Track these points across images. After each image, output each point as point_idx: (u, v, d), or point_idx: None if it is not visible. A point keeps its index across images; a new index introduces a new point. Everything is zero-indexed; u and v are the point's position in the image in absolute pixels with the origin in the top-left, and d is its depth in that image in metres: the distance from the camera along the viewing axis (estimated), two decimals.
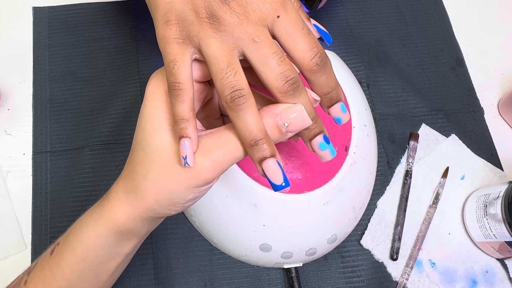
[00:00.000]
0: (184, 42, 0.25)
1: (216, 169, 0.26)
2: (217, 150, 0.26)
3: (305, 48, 0.24)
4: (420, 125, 0.53)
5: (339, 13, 0.58)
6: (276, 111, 0.25)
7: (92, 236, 0.30)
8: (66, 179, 0.48)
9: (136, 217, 0.29)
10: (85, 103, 0.52)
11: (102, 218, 0.30)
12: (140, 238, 0.32)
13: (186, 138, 0.25)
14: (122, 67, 0.54)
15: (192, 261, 0.46)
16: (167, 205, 0.28)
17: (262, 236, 0.42)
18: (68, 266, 0.31)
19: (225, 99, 0.24)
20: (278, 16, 0.24)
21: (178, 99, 0.25)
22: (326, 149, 0.27)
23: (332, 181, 0.41)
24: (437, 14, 0.59)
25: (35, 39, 0.55)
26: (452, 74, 0.56)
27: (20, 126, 0.51)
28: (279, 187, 0.26)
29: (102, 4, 0.57)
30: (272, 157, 0.25)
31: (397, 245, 0.47)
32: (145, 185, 0.27)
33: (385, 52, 0.57)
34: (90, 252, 0.30)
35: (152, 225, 0.32)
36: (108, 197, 0.30)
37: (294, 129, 0.25)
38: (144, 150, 0.27)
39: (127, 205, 0.29)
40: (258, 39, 0.24)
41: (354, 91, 0.46)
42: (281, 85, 0.24)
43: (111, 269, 0.32)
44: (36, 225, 0.47)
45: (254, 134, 0.25)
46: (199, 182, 0.27)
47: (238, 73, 0.24)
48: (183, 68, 0.25)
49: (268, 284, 0.45)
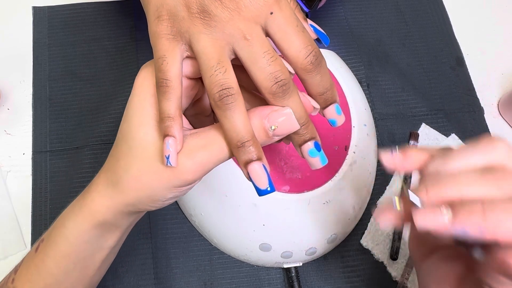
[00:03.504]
0: (174, 38, 0.25)
1: (198, 170, 0.26)
2: (201, 151, 0.25)
3: (299, 46, 0.24)
4: (420, 125, 0.53)
5: (339, 13, 0.58)
6: (264, 113, 0.24)
7: (74, 231, 0.30)
8: (66, 179, 0.48)
9: (116, 210, 0.28)
10: (85, 102, 0.52)
11: (83, 211, 0.29)
12: (123, 231, 0.31)
13: (171, 137, 0.25)
14: (122, 67, 0.54)
15: (192, 261, 0.46)
16: (146, 202, 0.27)
17: (262, 236, 0.42)
18: (53, 262, 0.31)
19: (213, 97, 0.24)
20: (272, 12, 0.24)
21: (165, 96, 0.25)
22: (317, 157, 0.26)
23: (332, 181, 0.41)
24: (437, 14, 0.59)
25: (35, 38, 0.55)
26: (452, 74, 0.56)
27: (20, 125, 0.51)
28: (264, 192, 0.25)
29: (102, 4, 0.57)
30: (258, 161, 0.24)
31: (397, 245, 0.47)
32: (126, 179, 0.27)
33: (385, 52, 0.57)
34: (73, 247, 0.30)
35: (134, 218, 0.31)
36: (89, 190, 0.30)
37: (281, 133, 0.25)
38: (129, 144, 0.27)
39: (107, 198, 0.28)
40: (250, 37, 0.23)
41: (354, 91, 0.46)
42: (270, 86, 0.24)
43: (96, 263, 0.32)
44: (35, 224, 0.47)
45: (241, 135, 0.24)
46: (180, 182, 0.26)
47: (227, 71, 0.24)
48: (172, 65, 0.25)
49: (268, 284, 0.45)
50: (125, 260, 0.45)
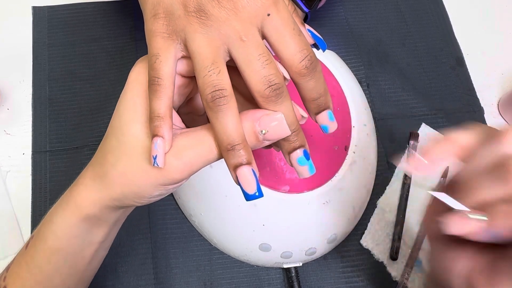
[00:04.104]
0: (170, 37, 0.24)
1: (185, 170, 0.25)
2: (189, 151, 0.25)
3: (294, 49, 0.24)
4: (420, 125, 0.53)
5: (339, 13, 0.58)
6: (255, 116, 0.24)
7: (61, 226, 0.29)
8: (66, 179, 0.48)
9: (102, 204, 0.28)
10: (85, 102, 0.52)
11: (69, 206, 0.29)
12: (111, 226, 0.31)
13: (159, 137, 0.24)
14: (122, 67, 0.54)
15: (192, 261, 0.46)
16: (132, 197, 0.27)
17: (261, 236, 0.42)
18: (42, 258, 0.30)
19: (205, 98, 0.23)
20: (269, 14, 0.23)
21: (156, 94, 0.24)
22: (305, 165, 0.25)
23: (331, 181, 0.41)
24: (437, 14, 0.59)
25: (35, 38, 0.55)
26: (452, 74, 0.56)
27: (20, 125, 0.51)
28: (252, 197, 0.24)
29: (102, 4, 0.57)
30: (248, 165, 0.24)
31: (397, 244, 0.47)
32: (112, 174, 0.27)
33: (385, 52, 0.57)
34: (62, 242, 0.30)
35: (121, 213, 0.31)
36: (76, 183, 0.30)
37: (271, 137, 0.24)
38: (118, 139, 0.27)
39: (93, 191, 0.28)
40: (246, 38, 0.23)
41: (354, 91, 0.46)
42: (263, 89, 0.23)
43: (86, 258, 0.32)
44: (35, 224, 0.46)
45: (232, 138, 0.23)
46: (167, 181, 0.26)
47: (221, 72, 0.23)
48: (165, 63, 0.24)
49: (268, 284, 0.45)
50: (124, 260, 0.45)
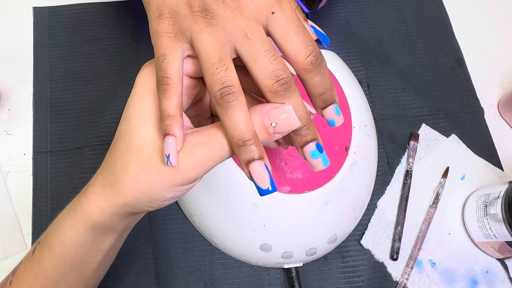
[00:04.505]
0: (176, 37, 0.25)
1: (199, 168, 0.25)
2: (201, 148, 0.25)
3: (299, 46, 0.24)
4: (420, 125, 0.53)
5: (339, 13, 0.58)
6: (264, 110, 0.24)
7: (69, 233, 0.29)
8: (67, 179, 0.48)
9: (112, 212, 0.28)
10: (86, 103, 0.52)
11: (78, 213, 0.29)
12: (119, 234, 0.31)
13: (171, 136, 0.24)
14: (123, 67, 0.54)
15: (193, 261, 0.46)
16: (145, 202, 0.27)
17: (262, 236, 0.42)
18: (49, 265, 0.30)
19: (214, 95, 0.23)
20: (273, 12, 0.23)
21: (165, 94, 0.24)
22: (319, 158, 0.25)
23: (332, 181, 0.41)
24: (437, 14, 0.59)
25: (36, 39, 0.55)
26: (452, 74, 0.56)
27: (21, 126, 0.51)
28: (266, 192, 0.24)
29: (103, 4, 0.57)
30: (260, 160, 0.24)
31: (397, 245, 0.47)
32: (123, 179, 0.26)
33: (385, 52, 0.57)
34: (69, 250, 0.30)
35: (130, 220, 0.31)
36: (85, 191, 0.29)
37: (282, 130, 0.24)
38: (127, 143, 0.27)
39: (103, 199, 0.28)
40: (251, 35, 0.23)
41: (354, 91, 0.46)
42: (271, 84, 0.23)
43: (93, 265, 0.32)
44: (36, 225, 0.47)
45: (243, 133, 0.23)
46: (181, 181, 0.26)
47: (229, 69, 0.23)
48: (172, 63, 0.24)
49: (269, 284, 0.46)
50: (125, 260, 0.45)
